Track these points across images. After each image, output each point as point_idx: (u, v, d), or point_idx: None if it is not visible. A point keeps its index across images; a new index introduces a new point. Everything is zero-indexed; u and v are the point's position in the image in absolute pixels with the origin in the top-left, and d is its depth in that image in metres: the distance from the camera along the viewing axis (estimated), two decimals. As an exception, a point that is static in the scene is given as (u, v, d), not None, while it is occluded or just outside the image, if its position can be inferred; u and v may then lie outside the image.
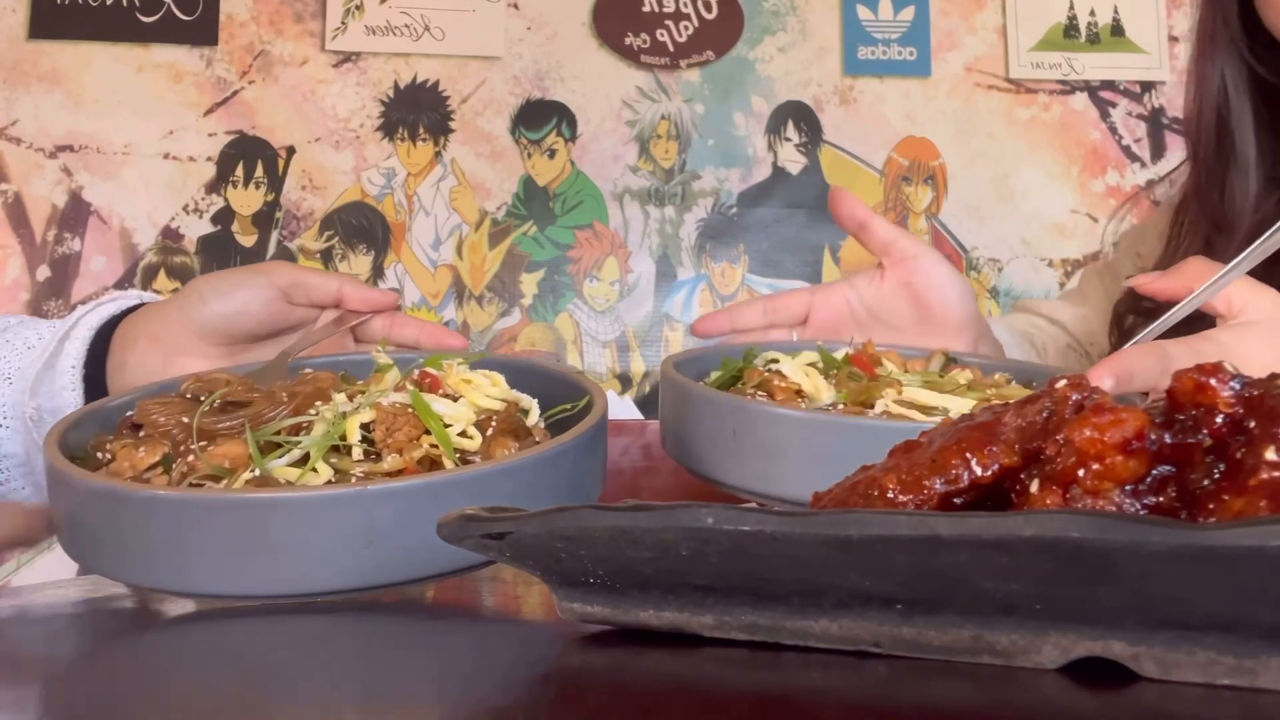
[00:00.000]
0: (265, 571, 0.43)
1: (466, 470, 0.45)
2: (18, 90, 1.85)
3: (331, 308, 0.71)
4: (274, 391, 0.52)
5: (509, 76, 1.95)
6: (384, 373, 0.56)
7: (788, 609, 0.29)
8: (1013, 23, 2.04)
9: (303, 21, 1.93)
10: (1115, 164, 2.02)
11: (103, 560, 0.46)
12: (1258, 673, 0.23)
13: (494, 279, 1.91)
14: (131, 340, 0.68)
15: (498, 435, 0.49)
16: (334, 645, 0.37)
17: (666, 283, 1.95)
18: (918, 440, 0.33)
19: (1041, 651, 0.26)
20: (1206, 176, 0.81)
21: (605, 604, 0.33)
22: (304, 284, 0.69)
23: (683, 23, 1.98)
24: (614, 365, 1.91)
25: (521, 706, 0.26)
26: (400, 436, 0.47)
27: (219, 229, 1.88)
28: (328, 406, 0.50)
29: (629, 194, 1.96)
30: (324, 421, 0.48)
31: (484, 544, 0.33)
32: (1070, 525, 0.23)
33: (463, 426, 0.49)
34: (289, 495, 0.43)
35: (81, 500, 0.45)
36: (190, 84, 1.90)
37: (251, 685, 0.31)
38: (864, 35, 2.01)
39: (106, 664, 0.34)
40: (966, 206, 2.00)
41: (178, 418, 0.51)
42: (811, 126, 1.99)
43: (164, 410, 0.51)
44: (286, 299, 0.69)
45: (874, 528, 0.26)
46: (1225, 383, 0.27)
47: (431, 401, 0.49)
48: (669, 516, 0.29)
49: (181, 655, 0.36)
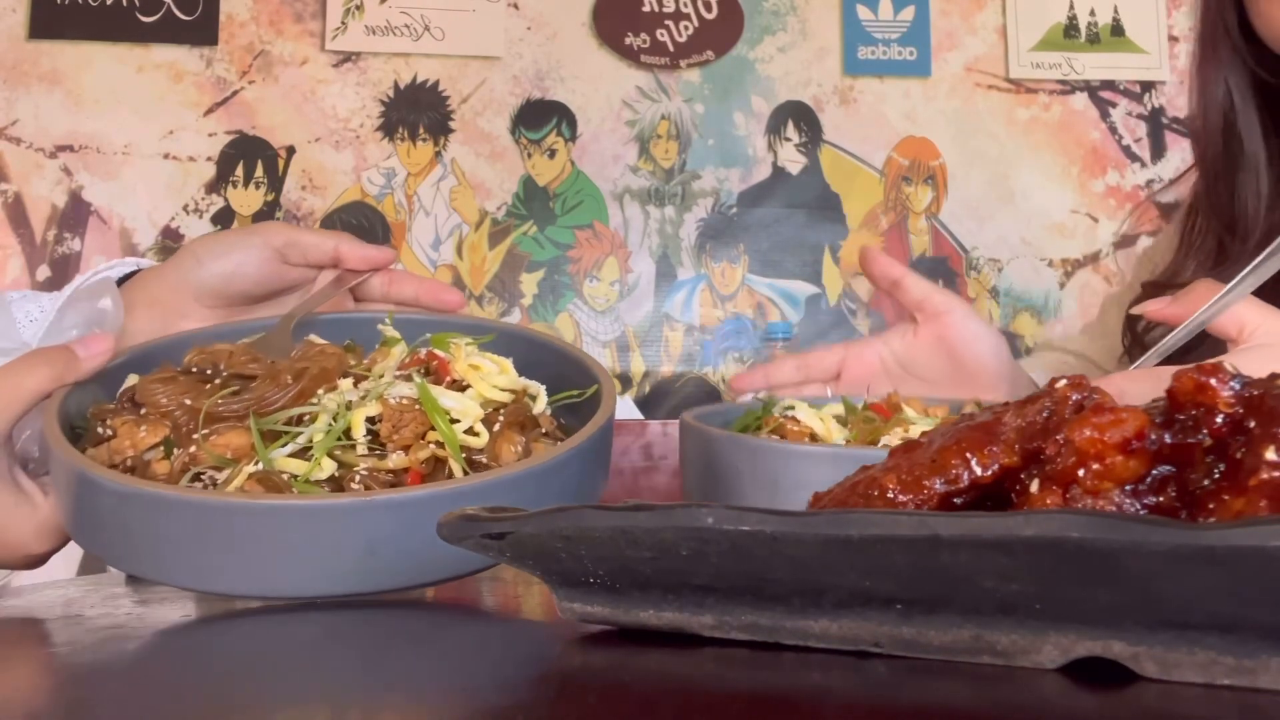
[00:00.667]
0: (266, 573, 0.43)
1: (469, 482, 0.45)
2: (18, 90, 1.86)
3: (329, 267, 0.70)
4: (278, 372, 0.51)
5: (509, 76, 1.95)
6: (390, 346, 0.55)
7: (788, 609, 0.29)
8: (1013, 23, 2.04)
9: (303, 21, 1.93)
10: (1115, 164, 2.02)
11: (99, 544, 0.46)
12: (1258, 673, 0.23)
13: (494, 279, 1.91)
14: (130, 306, 0.67)
15: (505, 430, 0.49)
16: (334, 645, 0.37)
17: (666, 283, 1.95)
18: (918, 440, 0.33)
19: (1041, 651, 0.26)
20: (1214, 179, 0.80)
21: (605, 604, 0.33)
22: (299, 243, 0.68)
23: (683, 23, 1.98)
24: (614, 365, 1.91)
25: (521, 706, 0.26)
26: (406, 434, 0.47)
27: (219, 229, 1.88)
28: (332, 396, 0.49)
29: (629, 194, 1.96)
30: (327, 412, 0.48)
31: (484, 544, 0.33)
32: (1070, 525, 0.23)
33: (470, 423, 0.49)
34: (293, 502, 0.43)
35: (85, 487, 0.45)
36: (190, 84, 1.90)
37: (251, 685, 0.31)
38: (864, 35, 2.01)
39: (106, 664, 0.34)
40: (966, 206, 2.00)
41: (180, 399, 0.50)
42: (811, 126, 1.99)
43: (166, 390, 0.51)
44: (282, 259, 0.68)
45: (874, 528, 0.26)
46: (1225, 383, 0.27)
47: (439, 395, 0.49)
48: (669, 516, 0.29)
49: (182, 655, 0.36)
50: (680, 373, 1.92)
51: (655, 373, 1.92)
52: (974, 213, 2.00)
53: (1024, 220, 1.99)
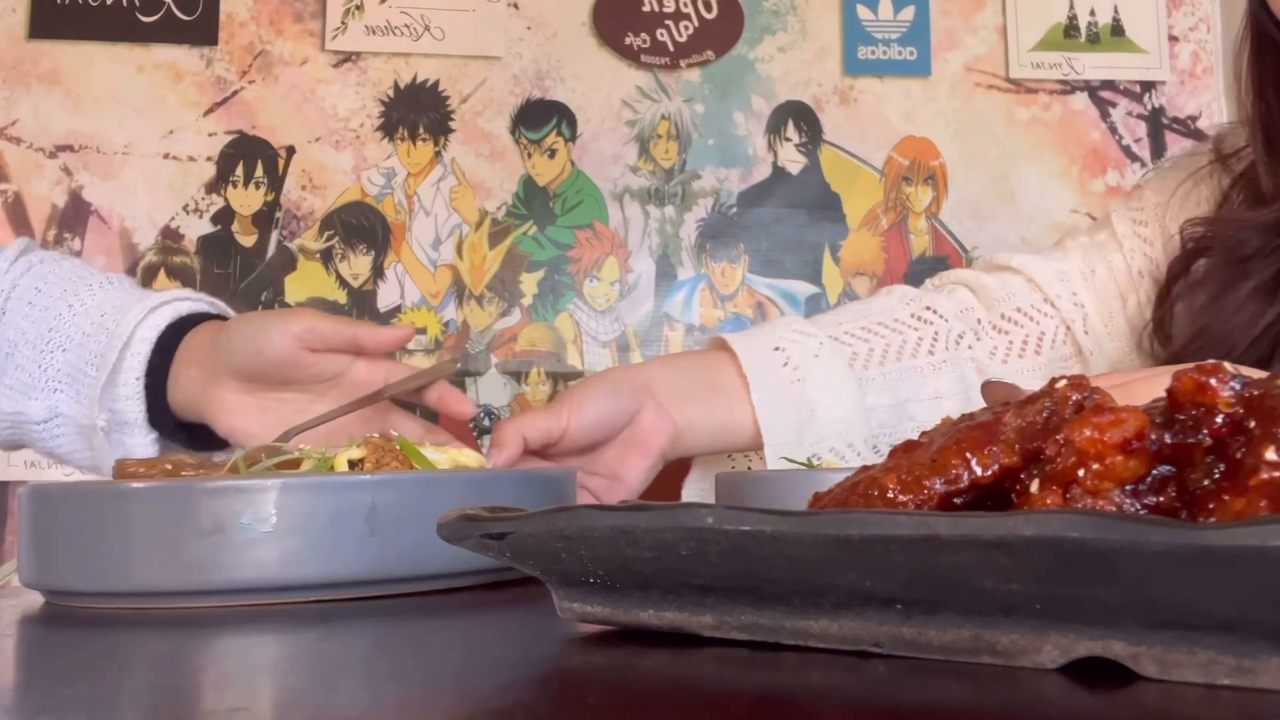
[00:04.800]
0: (267, 559, 0.43)
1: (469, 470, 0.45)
2: (18, 90, 1.85)
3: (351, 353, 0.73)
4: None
5: (509, 76, 1.95)
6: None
7: (788, 609, 0.29)
8: (1013, 23, 2.04)
9: (303, 21, 1.93)
10: (1115, 164, 2.02)
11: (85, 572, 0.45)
12: (1258, 673, 0.23)
13: (494, 279, 1.91)
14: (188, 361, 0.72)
15: None
16: (333, 645, 0.37)
17: (666, 283, 1.95)
18: (918, 440, 0.33)
19: (1041, 651, 0.26)
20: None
21: (605, 604, 0.33)
22: (318, 330, 0.71)
23: (683, 22, 1.98)
24: (614, 365, 1.91)
25: (521, 706, 0.26)
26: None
27: (219, 229, 1.88)
28: (315, 449, 0.52)
29: (629, 194, 1.96)
30: (310, 459, 0.49)
31: (484, 544, 0.33)
32: (1070, 525, 0.23)
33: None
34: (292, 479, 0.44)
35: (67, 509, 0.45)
36: (190, 84, 1.90)
37: (251, 685, 0.31)
38: (864, 35, 2.01)
39: (105, 664, 0.34)
40: (966, 206, 2.00)
41: (161, 466, 0.52)
42: (811, 126, 1.99)
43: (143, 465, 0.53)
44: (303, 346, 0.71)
45: (874, 528, 0.26)
46: (1225, 383, 0.27)
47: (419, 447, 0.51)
48: (669, 516, 0.29)
49: (182, 655, 0.36)
50: (680, 373, 1.92)
51: (655, 373, 1.92)
52: (974, 212, 2.00)
53: (1024, 220, 1.99)
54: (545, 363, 1.90)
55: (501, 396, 1.88)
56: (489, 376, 1.88)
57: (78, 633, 0.41)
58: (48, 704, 0.28)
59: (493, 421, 1.85)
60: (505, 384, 1.88)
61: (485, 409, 1.86)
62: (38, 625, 0.44)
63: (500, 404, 1.87)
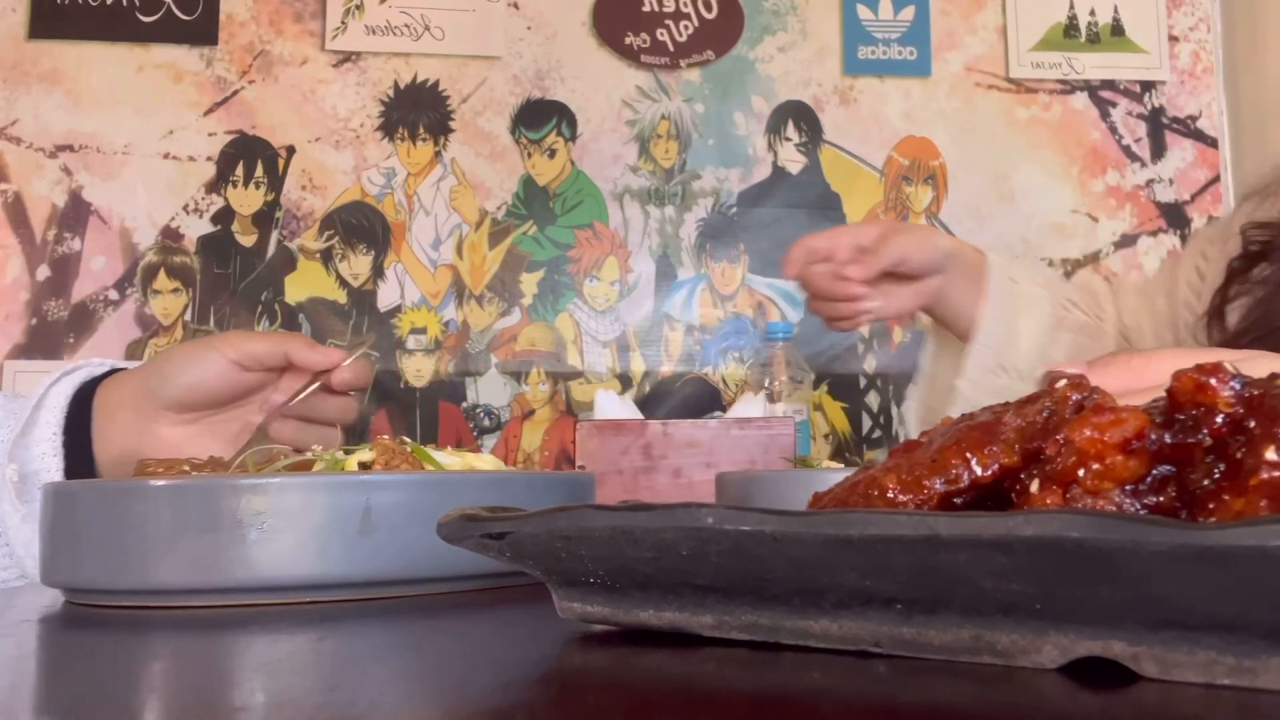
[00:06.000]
0: (264, 558, 0.43)
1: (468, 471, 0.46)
2: (18, 90, 1.85)
3: (284, 370, 0.75)
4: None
5: (509, 76, 1.95)
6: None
7: (788, 609, 0.29)
8: (1013, 23, 2.04)
9: (303, 21, 1.93)
10: (1115, 164, 2.02)
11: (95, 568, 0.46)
12: (1258, 673, 0.23)
13: (494, 279, 1.91)
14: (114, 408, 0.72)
15: None
16: (332, 646, 0.37)
17: (666, 282, 1.95)
18: (918, 440, 0.33)
19: (1041, 651, 0.26)
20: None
21: (605, 604, 0.33)
22: (252, 353, 0.73)
23: (683, 22, 1.98)
24: (614, 365, 1.91)
25: (521, 706, 0.26)
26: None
27: (219, 229, 1.88)
28: (326, 452, 0.52)
29: (629, 194, 1.96)
30: (322, 461, 0.50)
31: (484, 544, 0.33)
32: (1070, 525, 0.23)
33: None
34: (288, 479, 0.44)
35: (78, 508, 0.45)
36: (190, 84, 1.90)
37: (251, 686, 0.31)
38: (864, 35, 2.01)
39: (104, 664, 0.34)
40: (966, 206, 2.00)
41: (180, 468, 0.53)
42: (811, 126, 1.99)
43: (162, 465, 0.54)
44: (240, 368, 0.73)
45: (874, 528, 0.26)
46: (1225, 383, 0.27)
47: (431, 451, 0.52)
48: (669, 516, 0.29)
49: (182, 656, 0.36)
50: (680, 373, 1.92)
51: (655, 373, 1.92)
52: (974, 212, 2.00)
53: (1024, 220, 1.99)
54: (545, 363, 1.89)
55: (501, 396, 1.88)
56: (489, 376, 1.88)
57: (90, 632, 0.41)
58: (48, 704, 0.28)
59: (493, 422, 1.85)
60: (505, 384, 1.88)
61: (485, 409, 1.86)
62: (54, 624, 0.44)
63: (500, 404, 1.87)
